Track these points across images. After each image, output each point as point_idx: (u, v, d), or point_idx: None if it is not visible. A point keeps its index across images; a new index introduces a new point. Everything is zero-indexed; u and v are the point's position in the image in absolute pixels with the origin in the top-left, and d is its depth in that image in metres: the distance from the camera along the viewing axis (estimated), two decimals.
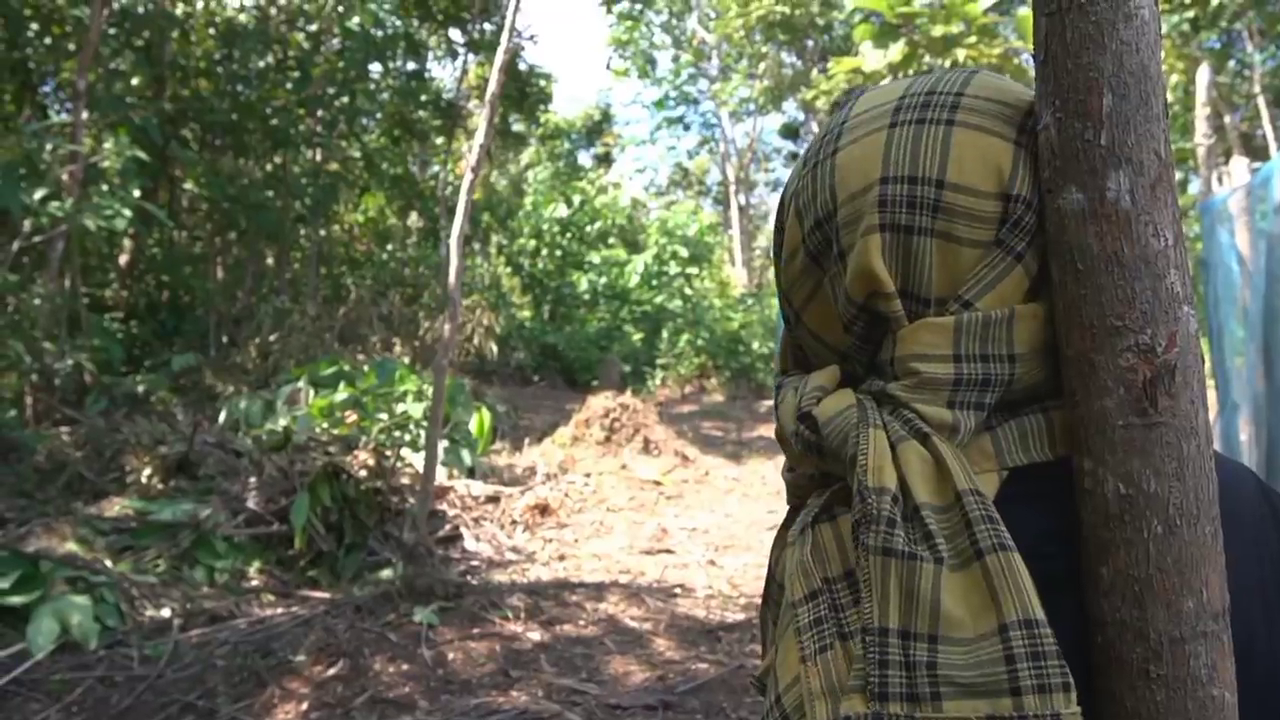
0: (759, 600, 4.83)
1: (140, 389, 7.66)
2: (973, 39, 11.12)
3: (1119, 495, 0.79)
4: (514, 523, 6.71)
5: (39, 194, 6.37)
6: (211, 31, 10.32)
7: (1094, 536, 0.82)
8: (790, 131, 26.17)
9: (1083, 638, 0.83)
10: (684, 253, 17.32)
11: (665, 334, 15.56)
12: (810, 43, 22.16)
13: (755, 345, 15.71)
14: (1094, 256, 0.80)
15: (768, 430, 11.44)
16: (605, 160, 26.93)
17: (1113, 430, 0.79)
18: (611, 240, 18.42)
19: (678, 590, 5.12)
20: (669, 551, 6.20)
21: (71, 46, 8.26)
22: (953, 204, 0.85)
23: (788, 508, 1.03)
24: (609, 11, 27.19)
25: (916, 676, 0.79)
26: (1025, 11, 12.61)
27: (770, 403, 13.99)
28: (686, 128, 28.97)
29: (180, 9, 9.75)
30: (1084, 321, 0.80)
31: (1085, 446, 0.82)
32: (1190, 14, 15.45)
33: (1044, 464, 0.87)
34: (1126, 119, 0.79)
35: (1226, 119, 17.46)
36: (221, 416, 6.43)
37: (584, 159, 25.94)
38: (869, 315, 0.90)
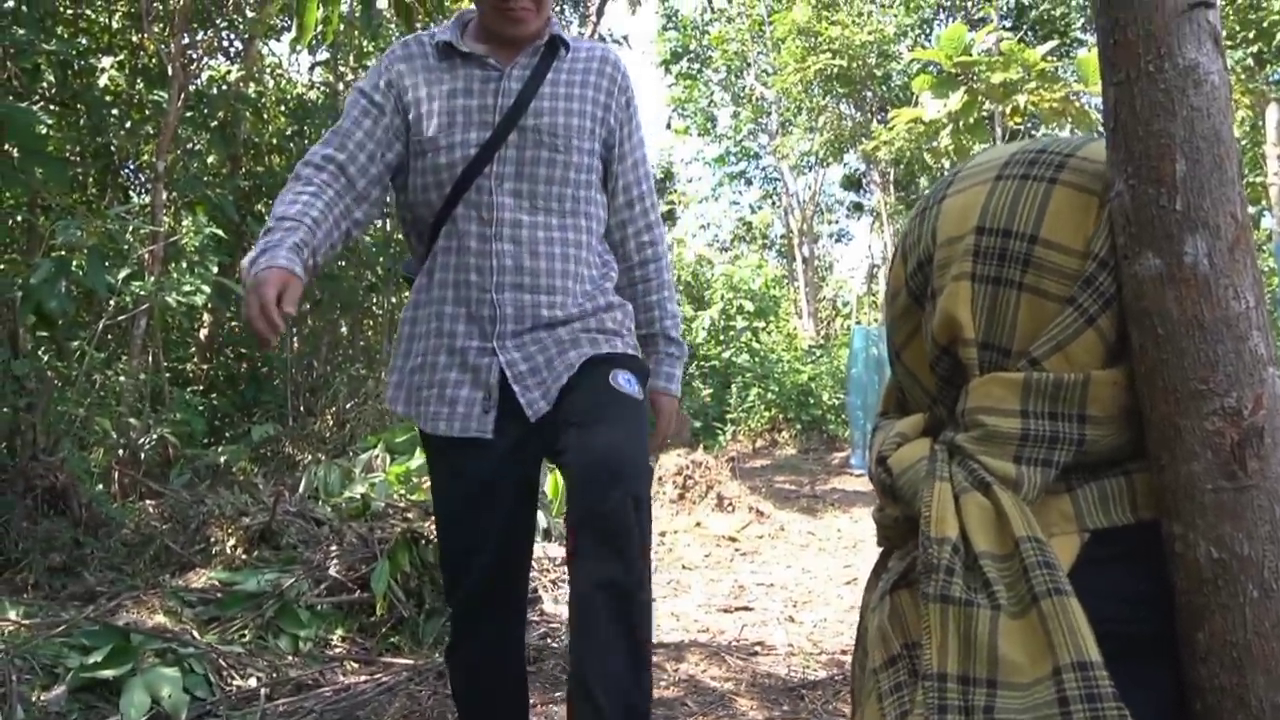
0: (840, 656, 4.72)
1: (222, 460, 7.80)
2: (1032, 84, 11.10)
3: (1211, 560, 0.79)
4: None
5: (122, 274, 6.56)
6: (283, 109, 10.60)
7: (1187, 601, 0.81)
8: (852, 183, 26.18)
9: (1177, 703, 0.83)
10: (750, 307, 17.33)
11: (734, 389, 15.53)
12: (869, 94, 22.20)
13: (825, 397, 15.62)
14: (1174, 321, 0.80)
15: (841, 483, 11.36)
16: (669, 218, 27.11)
17: (1202, 494, 0.79)
18: (678, 295, 18.49)
19: (757, 648, 5.07)
20: (747, 609, 6.15)
21: (151, 130, 8.51)
22: (1043, 260, 0.87)
23: (879, 551, 1.04)
24: (668, 72, 27.52)
25: None
26: (1084, 54, 12.58)
27: (843, 454, 13.91)
28: (748, 182, 29.14)
29: (253, 89, 10.03)
30: (1167, 386, 0.81)
31: (1174, 511, 0.82)
32: (1254, 48, 15.25)
33: (1126, 527, 0.87)
34: (1201, 184, 0.80)
35: None
36: (301, 485, 6.53)
37: None
38: (951, 360, 0.92)
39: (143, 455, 7.09)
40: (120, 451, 6.88)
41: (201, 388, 9.58)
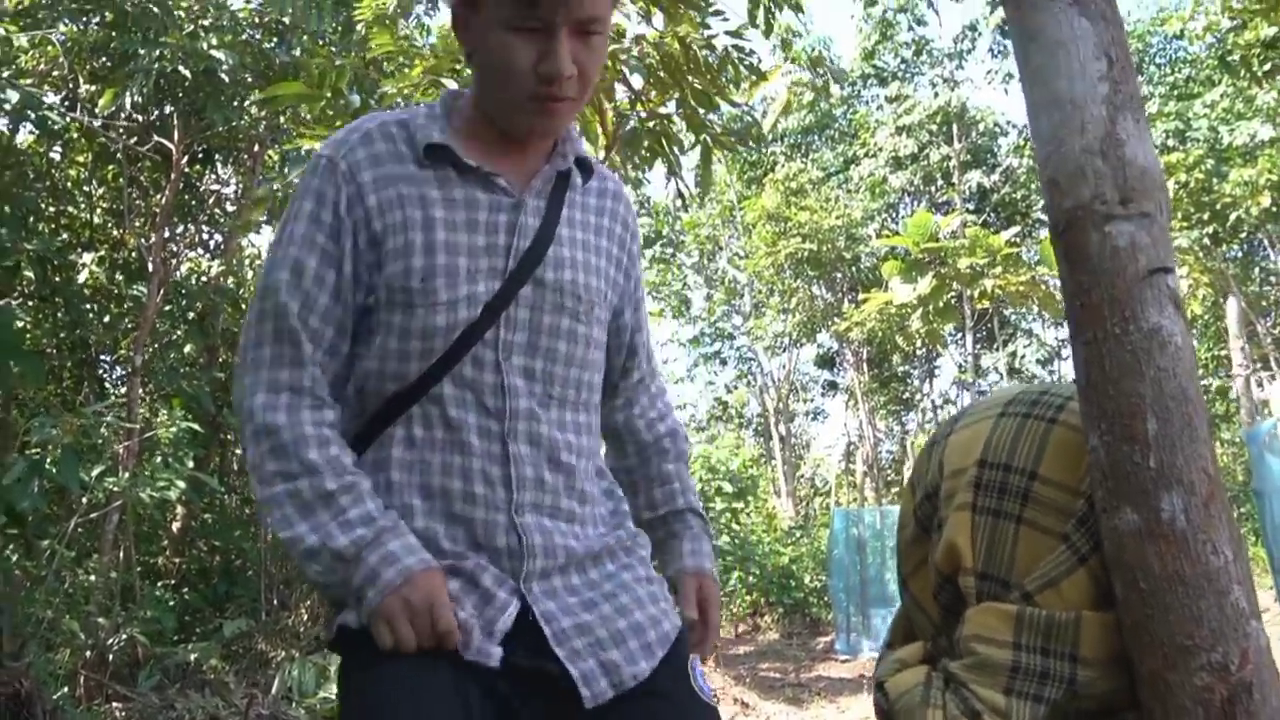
0: None
1: (193, 658, 7.59)
2: (998, 269, 11.40)
3: None
4: None
5: (96, 470, 6.51)
6: None
7: None
8: (826, 361, 26.50)
9: None
10: (729, 488, 17.29)
11: (716, 572, 15.35)
12: (839, 275, 22.70)
13: (807, 579, 15.46)
14: (1155, 576, 0.81)
15: (826, 669, 11.14)
16: None
17: None
18: None
19: None
20: None
21: (129, 324, 8.58)
22: (1040, 495, 0.89)
23: None
24: (641, 256, 28.05)
25: None
26: (1047, 237, 12.94)
27: (827, 638, 13.67)
28: (723, 362, 29.43)
29: (232, 281, 10.16)
30: (1154, 640, 0.82)
31: None
32: (1209, 229, 15.77)
33: None
34: (1172, 442, 0.82)
35: (1259, 327, 17.55)
36: (275, 686, 6.35)
37: None
38: (952, 589, 0.93)
39: (111, 656, 6.90)
40: (88, 653, 6.70)
41: (173, 582, 9.40)
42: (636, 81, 4.72)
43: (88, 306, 8.38)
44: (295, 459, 1.50)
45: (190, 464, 7.40)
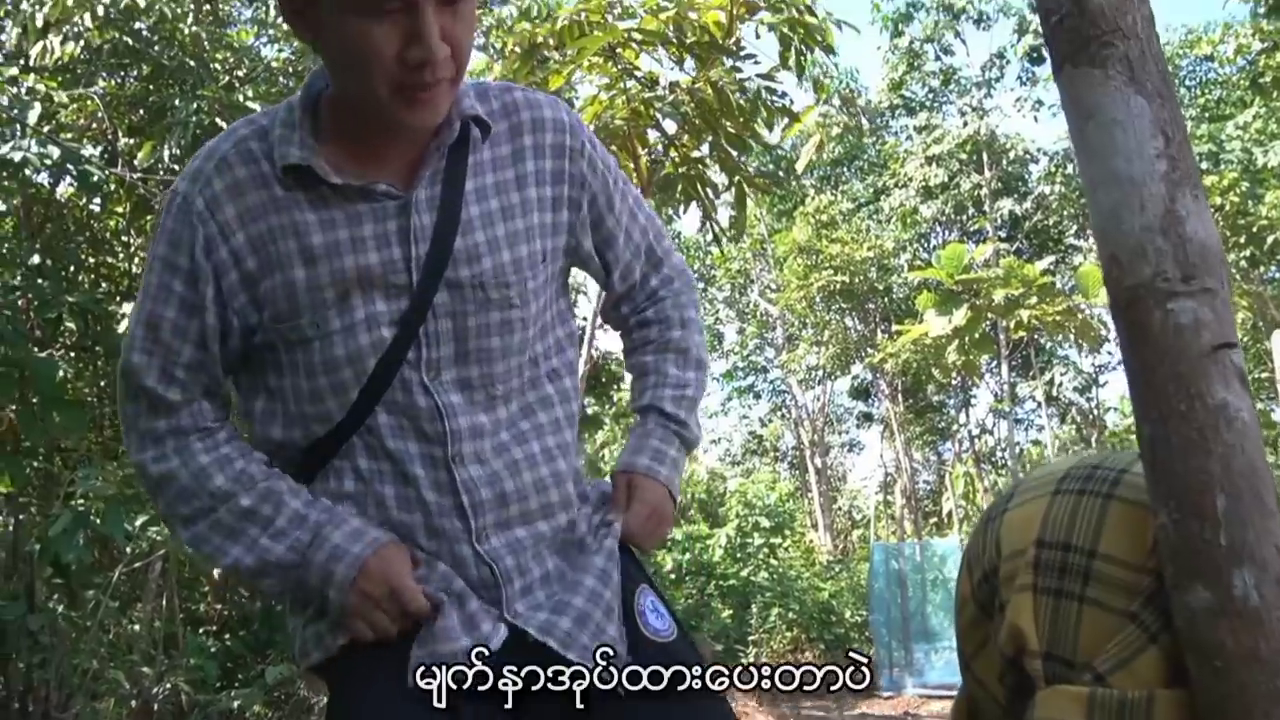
0: None
1: (236, 705, 7.62)
2: (1034, 299, 11.36)
3: None
4: None
5: (139, 520, 6.57)
6: None
7: None
8: (860, 393, 26.39)
9: None
10: (766, 523, 17.22)
11: (755, 608, 15.28)
12: (871, 306, 22.65)
13: (847, 614, 15.35)
14: (1230, 654, 0.81)
15: (870, 708, 11.05)
16: None
17: None
18: (691, 513, 18.42)
19: None
20: None
21: None
22: (1102, 573, 0.89)
23: None
24: None
25: None
26: (1083, 266, 12.90)
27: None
28: (757, 396, 29.38)
29: None
30: (1231, 718, 0.81)
31: None
32: (1247, 252, 15.66)
33: None
34: (1242, 518, 0.81)
35: None
36: None
37: None
38: (1018, 672, 0.92)
39: (155, 706, 6.93)
40: (133, 703, 6.74)
41: (214, 628, 9.44)
42: (670, 126, 4.77)
43: None
44: (204, 493, 1.42)
45: None
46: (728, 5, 4.48)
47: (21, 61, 6.57)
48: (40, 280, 6.72)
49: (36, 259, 6.94)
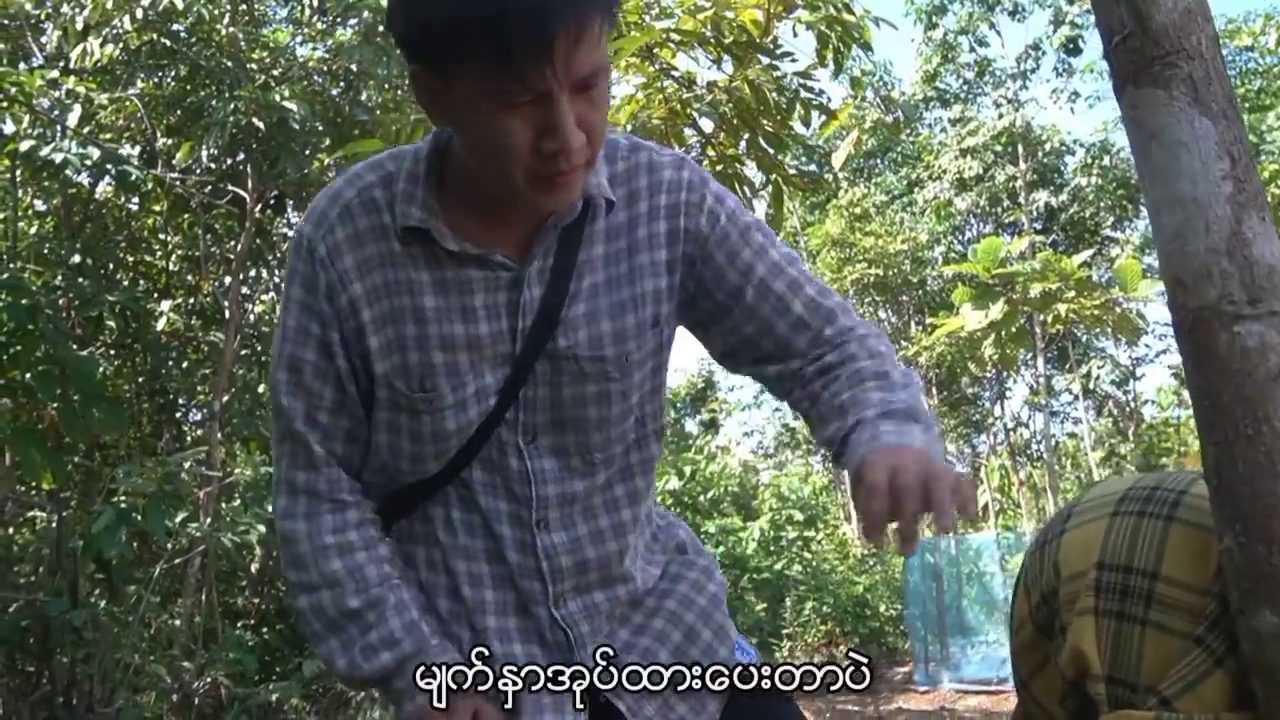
0: None
1: (274, 698, 7.69)
2: (1071, 294, 11.24)
3: None
4: None
5: (179, 516, 6.63)
6: None
7: None
8: None
9: None
10: (799, 516, 17.18)
11: (789, 601, 15.26)
12: (905, 298, 22.54)
13: (882, 608, 15.30)
14: None
15: (905, 701, 11.01)
16: (712, 425, 27.24)
17: None
18: (725, 506, 18.40)
19: None
20: None
21: (207, 369, 8.73)
22: (1165, 596, 0.88)
23: None
24: None
25: None
26: (1121, 259, 12.78)
27: (905, 669, 13.50)
28: None
29: None
30: None
31: None
32: None
33: None
34: None
35: None
36: None
37: (690, 426, 26.28)
38: (1080, 695, 0.92)
39: (196, 700, 7.01)
40: (174, 697, 6.81)
41: (252, 622, 9.52)
42: (707, 125, 4.76)
43: (167, 355, 8.54)
44: (315, 570, 1.44)
45: (269, 507, 7.51)
46: (765, 3, 4.46)
47: (61, 64, 6.63)
48: (80, 279, 6.80)
49: (77, 258, 7.02)
